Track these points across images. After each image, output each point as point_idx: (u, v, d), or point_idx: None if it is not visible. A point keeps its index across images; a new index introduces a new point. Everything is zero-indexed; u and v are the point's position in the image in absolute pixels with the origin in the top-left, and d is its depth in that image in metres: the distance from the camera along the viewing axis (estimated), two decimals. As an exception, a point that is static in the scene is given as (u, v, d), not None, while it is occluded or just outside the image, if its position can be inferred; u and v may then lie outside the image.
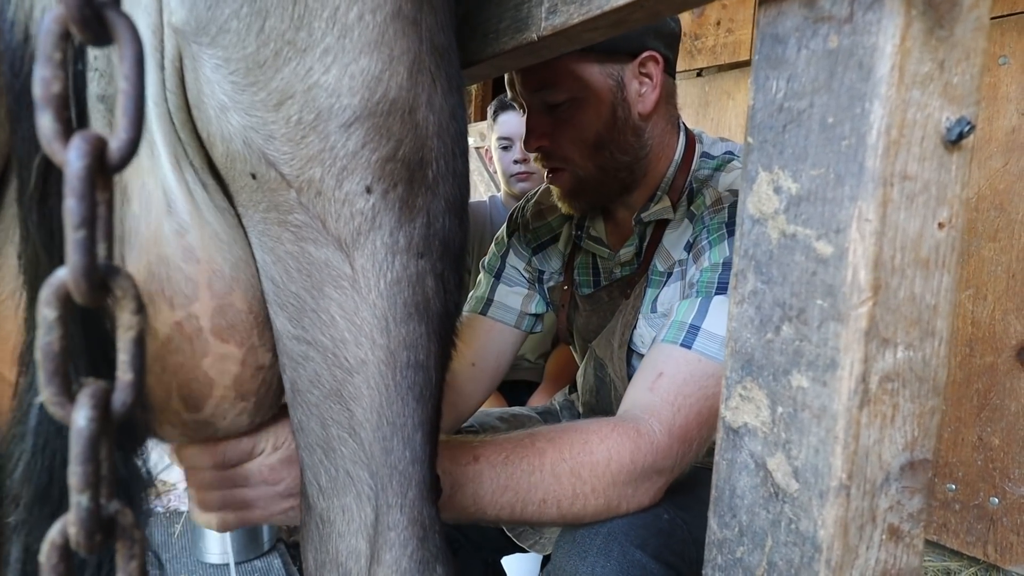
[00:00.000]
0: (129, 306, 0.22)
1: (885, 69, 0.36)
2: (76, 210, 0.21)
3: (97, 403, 0.22)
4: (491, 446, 0.77)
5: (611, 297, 1.14)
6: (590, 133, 1.01)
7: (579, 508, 0.79)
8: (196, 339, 0.51)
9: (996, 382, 1.76)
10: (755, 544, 0.43)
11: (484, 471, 0.74)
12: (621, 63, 1.00)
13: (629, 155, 1.03)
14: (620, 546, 0.80)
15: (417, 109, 0.47)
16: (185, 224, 0.50)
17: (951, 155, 0.39)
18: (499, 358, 1.22)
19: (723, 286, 0.90)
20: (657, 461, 0.81)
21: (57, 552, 0.22)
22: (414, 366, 0.51)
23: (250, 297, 0.53)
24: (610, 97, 1.00)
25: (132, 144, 0.22)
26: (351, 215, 0.47)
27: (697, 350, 0.86)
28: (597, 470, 0.78)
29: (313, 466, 0.55)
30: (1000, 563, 1.77)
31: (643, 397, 0.85)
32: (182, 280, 0.50)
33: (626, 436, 0.80)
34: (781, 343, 0.42)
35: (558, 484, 0.77)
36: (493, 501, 0.74)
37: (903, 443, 0.40)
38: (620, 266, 1.13)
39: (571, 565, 0.82)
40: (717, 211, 0.97)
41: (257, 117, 0.45)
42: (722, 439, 0.46)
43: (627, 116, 1.01)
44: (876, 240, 0.37)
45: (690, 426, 0.82)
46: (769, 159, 0.42)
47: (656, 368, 0.87)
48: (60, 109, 0.21)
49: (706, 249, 0.95)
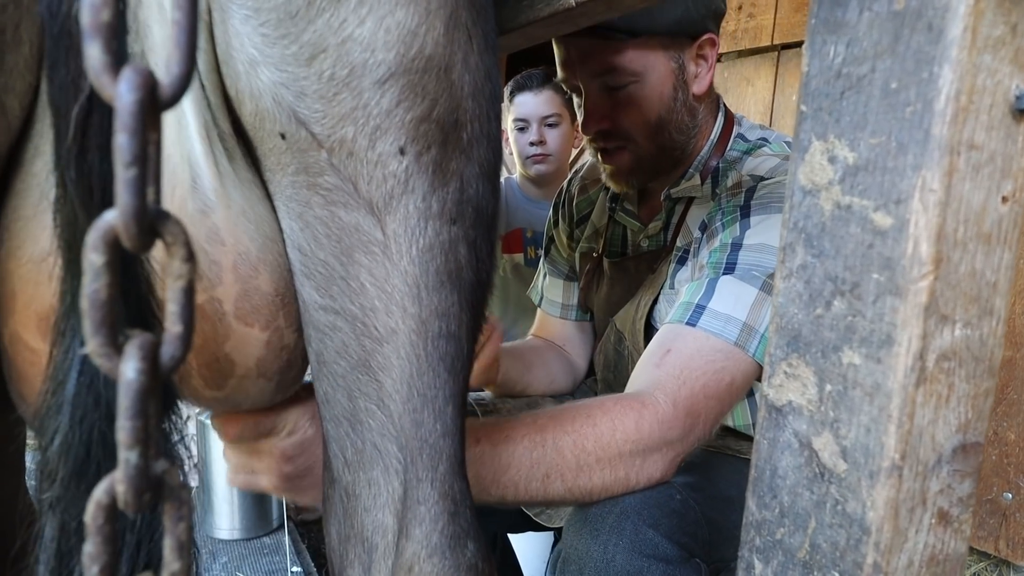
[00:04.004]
0: (180, 253, 0.21)
1: (957, 31, 0.34)
2: (128, 147, 0.19)
3: (146, 355, 0.21)
4: (492, 427, 0.77)
5: (637, 269, 1.15)
6: (653, 114, 1.03)
7: (585, 480, 0.78)
8: (219, 322, 0.50)
9: (1014, 377, 1.74)
10: (797, 526, 0.42)
11: (485, 452, 0.73)
12: (683, 47, 1.02)
13: (685, 135, 1.07)
14: (633, 524, 0.80)
15: (453, 67, 0.46)
16: (211, 203, 0.48)
17: (1019, 125, 0.37)
18: (569, 350, 1.32)
19: (731, 266, 0.91)
20: (664, 432, 0.80)
21: (103, 513, 0.21)
22: (446, 336, 0.49)
23: (276, 279, 0.52)
24: (672, 79, 1.03)
25: (184, 79, 0.21)
26: (383, 177, 0.46)
27: (702, 327, 0.86)
28: (601, 441, 0.77)
29: (339, 439, 0.53)
30: (1012, 558, 1.75)
31: (649, 373, 0.85)
32: (205, 263, 0.48)
33: (629, 408, 0.79)
34: (832, 319, 0.40)
35: (561, 458, 0.76)
36: (495, 480, 0.74)
37: (956, 424, 0.39)
38: (648, 239, 1.15)
39: (583, 543, 0.81)
40: (735, 194, 0.98)
41: (288, 72, 0.44)
42: (764, 418, 0.44)
43: (685, 97, 1.04)
44: (940, 211, 0.35)
45: (696, 398, 0.82)
46: (824, 127, 0.40)
47: (664, 346, 0.87)
48: (110, 39, 0.20)
49: (719, 231, 0.96)
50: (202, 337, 0.49)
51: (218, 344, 0.50)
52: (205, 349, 0.50)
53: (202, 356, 0.50)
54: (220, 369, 0.51)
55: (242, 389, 0.53)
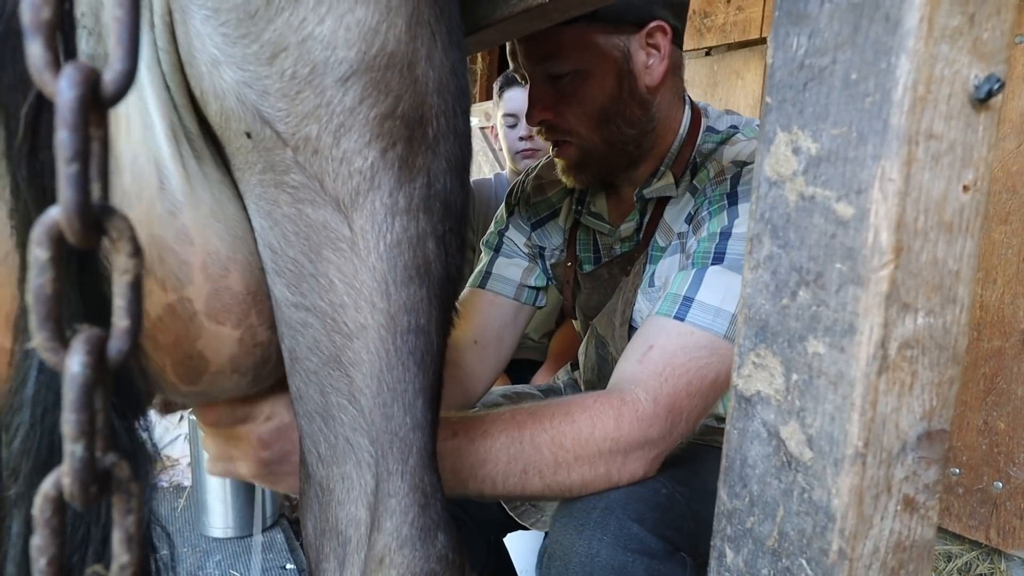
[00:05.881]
0: (125, 248, 0.21)
1: (913, 21, 0.34)
2: (69, 142, 0.20)
3: (92, 349, 0.21)
4: (471, 421, 0.77)
5: (611, 274, 1.12)
6: (595, 106, 0.98)
7: (563, 477, 0.78)
8: (190, 321, 0.50)
9: (1003, 366, 1.75)
10: (766, 514, 0.43)
11: (462, 445, 0.74)
12: (627, 33, 0.97)
13: (636, 128, 1.01)
14: (617, 519, 0.80)
15: (416, 64, 0.46)
16: (179, 203, 0.48)
17: (978, 114, 0.37)
18: (501, 333, 1.19)
19: (719, 256, 0.89)
20: (644, 430, 0.79)
21: (51, 505, 0.21)
22: (415, 330, 0.50)
23: (248, 277, 0.52)
24: (616, 68, 0.98)
25: (127, 76, 0.21)
26: (349, 174, 0.46)
27: (690, 322, 0.85)
28: (580, 438, 0.77)
29: (312, 434, 0.54)
30: (1002, 547, 1.76)
31: (631, 369, 0.84)
32: (175, 263, 0.48)
33: (609, 405, 0.79)
34: (797, 309, 0.40)
35: (538, 454, 0.76)
36: (472, 474, 0.74)
37: (921, 412, 0.39)
38: (620, 242, 1.12)
39: (568, 539, 0.81)
40: (719, 182, 0.95)
41: (250, 71, 0.44)
42: (734, 408, 0.45)
43: (634, 88, 0.99)
44: (899, 201, 0.36)
45: (679, 395, 0.81)
46: (788, 119, 0.40)
47: (647, 341, 0.86)
48: (50, 37, 0.20)
49: (705, 220, 0.94)
50: (174, 335, 0.49)
51: (190, 342, 0.50)
52: (177, 347, 0.50)
53: (175, 354, 0.50)
54: (193, 366, 0.51)
55: (217, 384, 0.54)
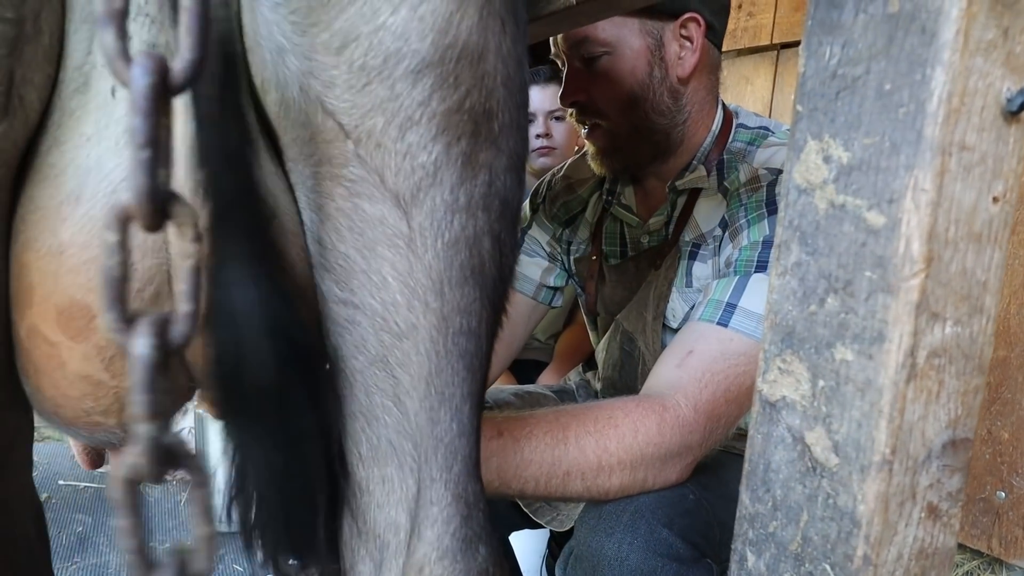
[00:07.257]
0: (189, 234, 0.22)
1: (950, 34, 0.35)
2: (141, 129, 0.20)
3: (158, 331, 0.21)
4: (514, 421, 0.77)
5: (639, 268, 1.13)
6: (624, 89, 1.01)
7: (604, 480, 0.78)
8: None
9: (1008, 376, 1.75)
10: (789, 519, 0.43)
11: (508, 445, 0.74)
12: (662, 22, 1.00)
13: (665, 118, 1.03)
14: (647, 523, 0.80)
15: (486, 56, 0.44)
16: None
17: (1010, 127, 0.38)
18: (514, 330, 1.20)
19: (762, 264, 0.90)
20: (685, 436, 0.80)
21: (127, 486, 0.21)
22: (466, 333, 0.48)
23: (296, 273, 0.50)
24: (647, 54, 1.00)
25: (196, 64, 0.21)
26: (412, 169, 0.44)
27: (733, 328, 0.85)
28: (624, 442, 0.77)
29: (353, 434, 0.53)
30: (1004, 557, 1.76)
31: (670, 374, 0.84)
32: None
33: (651, 411, 0.79)
34: (825, 315, 0.41)
35: (583, 456, 0.76)
36: (517, 475, 0.74)
37: (946, 420, 0.40)
38: (648, 235, 1.13)
39: (596, 541, 0.81)
40: (755, 189, 0.96)
41: (317, 61, 0.42)
42: (758, 412, 0.45)
43: (664, 77, 1.01)
44: (931, 211, 0.36)
45: (718, 402, 0.82)
46: (819, 127, 0.41)
47: (686, 346, 0.86)
48: (123, 26, 0.21)
49: (744, 228, 0.95)
50: None
51: None
52: None
53: None
54: None
55: None
